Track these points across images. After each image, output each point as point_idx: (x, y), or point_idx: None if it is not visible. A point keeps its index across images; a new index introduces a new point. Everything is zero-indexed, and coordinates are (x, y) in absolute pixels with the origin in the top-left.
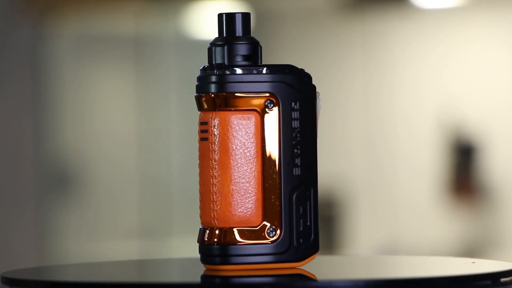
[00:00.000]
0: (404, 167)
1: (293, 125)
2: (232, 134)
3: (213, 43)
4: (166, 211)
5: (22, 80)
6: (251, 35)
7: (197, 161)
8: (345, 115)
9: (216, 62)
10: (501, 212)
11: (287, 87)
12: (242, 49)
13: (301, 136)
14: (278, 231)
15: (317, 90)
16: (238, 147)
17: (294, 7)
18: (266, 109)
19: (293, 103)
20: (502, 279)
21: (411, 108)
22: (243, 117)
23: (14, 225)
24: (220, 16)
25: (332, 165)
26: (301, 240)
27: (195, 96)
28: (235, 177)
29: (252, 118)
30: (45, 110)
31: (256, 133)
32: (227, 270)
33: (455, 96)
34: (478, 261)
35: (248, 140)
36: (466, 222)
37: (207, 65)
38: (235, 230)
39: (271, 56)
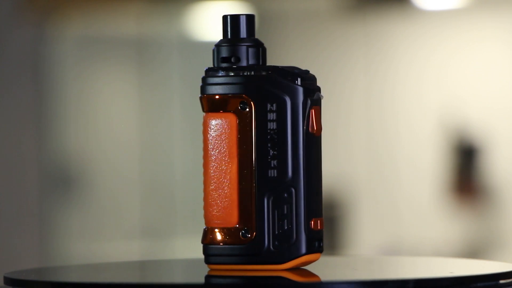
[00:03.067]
0: (406, 168)
1: (269, 127)
2: (212, 135)
3: (215, 45)
4: (168, 212)
5: (24, 82)
6: (254, 37)
7: (199, 162)
8: (347, 116)
9: (213, 64)
10: (503, 213)
11: (263, 88)
12: (227, 51)
13: (279, 138)
14: (252, 233)
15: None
16: (217, 149)
17: (296, 8)
18: (241, 111)
19: (269, 105)
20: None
21: (413, 109)
22: (221, 118)
23: (17, 226)
24: (223, 18)
25: (335, 166)
26: (278, 243)
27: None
28: (215, 178)
29: (229, 119)
30: (48, 112)
31: (233, 135)
32: (213, 269)
33: (458, 97)
34: (478, 262)
35: (226, 142)
36: (468, 223)
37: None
38: (216, 230)
39: (273, 57)
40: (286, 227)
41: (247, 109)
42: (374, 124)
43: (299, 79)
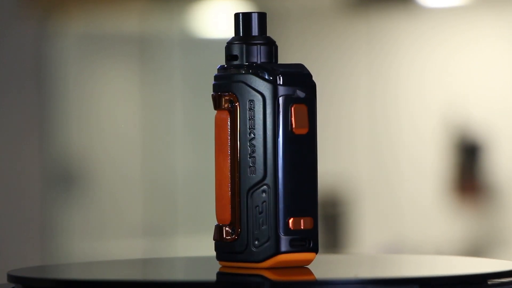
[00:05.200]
0: (408, 166)
1: (248, 125)
2: (215, 132)
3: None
4: (170, 210)
5: (26, 79)
6: (265, 35)
7: (201, 159)
8: (349, 114)
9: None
10: (505, 211)
11: (245, 87)
12: (230, 49)
13: (256, 136)
14: (238, 231)
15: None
16: (218, 146)
17: (298, 5)
18: (231, 109)
19: (249, 103)
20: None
21: (416, 107)
22: (219, 116)
23: (20, 224)
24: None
25: (337, 164)
26: (257, 242)
27: None
28: (218, 176)
29: (224, 117)
30: (50, 109)
31: (228, 132)
32: (222, 266)
33: (460, 95)
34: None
35: (223, 139)
36: (470, 221)
37: None
38: (217, 227)
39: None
40: (263, 226)
41: (234, 107)
42: (376, 122)
43: (279, 77)
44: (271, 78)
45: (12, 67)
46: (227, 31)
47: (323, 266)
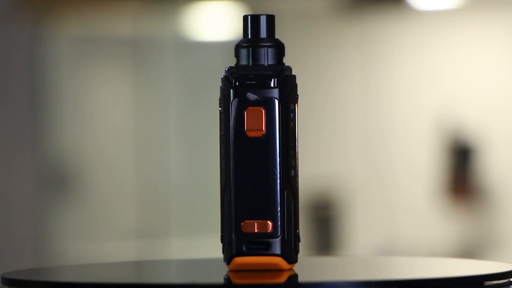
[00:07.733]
0: (401, 168)
1: (220, 128)
2: None
3: None
4: (164, 213)
5: (20, 81)
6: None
7: (196, 162)
8: (342, 116)
9: None
10: (498, 213)
11: (222, 89)
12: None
13: (221, 139)
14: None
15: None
16: None
17: (291, 8)
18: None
19: (221, 106)
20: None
21: (409, 109)
22: None
23: (13, 226)
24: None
25: (330, 166)
26: (225, 244)
27: None
28: None
29: None
30: (43, 111)
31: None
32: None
33: (453, 97)
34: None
35: None
36: (464, 223)
37: None
38: None
39: None
40: (226, 229)
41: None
42: (369, 124)
43: (235, 80)
44: (231, 81)
45: (6, 69)
46: (220, 34)
47: (305, 268)
